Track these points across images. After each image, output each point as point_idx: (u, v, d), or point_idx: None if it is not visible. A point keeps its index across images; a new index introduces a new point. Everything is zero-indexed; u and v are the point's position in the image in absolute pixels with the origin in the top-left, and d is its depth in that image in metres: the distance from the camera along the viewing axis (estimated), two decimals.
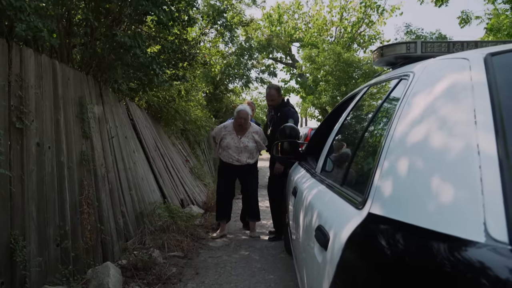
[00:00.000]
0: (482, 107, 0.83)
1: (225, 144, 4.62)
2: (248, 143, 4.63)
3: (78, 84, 3.57)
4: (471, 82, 0.92)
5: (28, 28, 2.69)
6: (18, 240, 2.44)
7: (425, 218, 0.79)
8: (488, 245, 0.63)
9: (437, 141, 0.89)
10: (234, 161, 4.65)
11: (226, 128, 4.72)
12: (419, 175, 0.89)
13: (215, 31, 10.89)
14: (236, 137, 4.64)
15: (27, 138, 2.68)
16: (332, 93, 16.14)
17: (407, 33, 20.84)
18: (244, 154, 4.64)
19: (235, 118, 4.64)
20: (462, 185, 0.75)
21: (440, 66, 1.18)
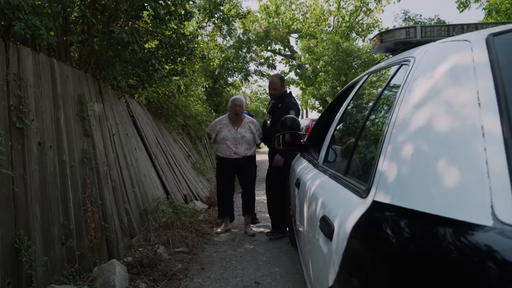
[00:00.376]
0: (485, 88, 0.81)
1: (222, 137, 4.56)
2: (245, 133, 4.56)
3: (77, 82, 3.56)
4: (473, 64, 0.90)
5: (27, 27, 2.68)
6: (23, 240, 2.44)
7: (431, 204, 0.78)
8: (496, 228, 0.62)
9: (440, 125, 0.88)
10: (232, 154, 4.56)
11: (221, 122, 4.65)
12: (423, 160, 0.88)
13: (212, 24, 10.83)
14: (232, 129, 4.57)
15: (28, 138, 2.67)
16: (332, 84, 16.07)
17: (405, 20, 20.67)
18: (242, 145, 4.56)
19: (230, 107, 4.61)
20: (467, 168, 0.74)
21: (441, 49, 1.16)
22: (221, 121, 4.67)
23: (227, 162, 4.62)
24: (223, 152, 4.61)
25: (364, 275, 0.93)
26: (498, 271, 0.57)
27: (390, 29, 1.87)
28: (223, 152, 4.61)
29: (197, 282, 3.27)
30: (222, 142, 4.58)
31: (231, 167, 4.64)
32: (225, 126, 4.59)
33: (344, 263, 1.04)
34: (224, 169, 4.70)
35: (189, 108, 7.82)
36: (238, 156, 4.56)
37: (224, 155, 4.61)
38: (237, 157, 4.57)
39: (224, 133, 4.56)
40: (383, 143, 1.11)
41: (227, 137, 4.54)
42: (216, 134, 4.63)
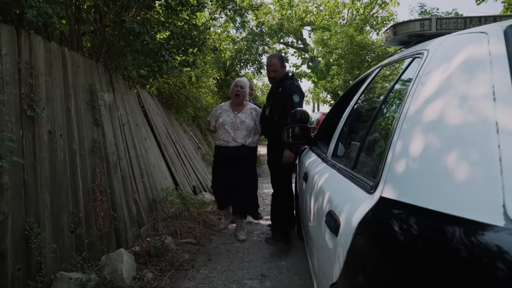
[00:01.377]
0: (501, 81, 0.77)
1: (221, 121, 4.16)
2: (245, 118, 4.13)
3: (88, 71, 3.57)
4: (489, 56, 0.86)
5: (39, 14, 2.68)
6: (33, 227, 2.47)
7: (440, 201, 0.75)
8: (508, 229, 0.59)
9: (452, 119, 0.84)
10: (230, 140, 4.11)
11: (222, 107, 4.31)
12: (433, 156, 0.85)
13: (225, 15, 10.76)
14: (232, 113, 4.17)
15: (39, 126, 2.69)
16: (344, 77, 15.90)
17: (422, 13, 20.29)
18: (241, 131, 4.10)
19: (231, 89, 4.25)
20: (479, 165, 0.71)
21: (456, 41, 1.12)
22: (222, 106, 4.33)
23: (225, 152, 4.16)
24: (220, 138, 4.18)
25: (368, 272, 0.91)
26: (508, 273, 0.55)
27: (404, 21, 1.82)
28: (220, 139, 4.19)
29: (203, 273, 3.28)
30: (220, 127, 4.17)
31: (229, 158, 4.15)
32: (225, 111, 4.22)
33: (349, 259, 1.02)
34: (221, 159, 4.24)
35: (200, 100, 7.82)
36: (236, 143, 4.10)
37: (221, 142, 4.18)
38: (235, 145, 4.10)
39: (223, 117, 4.16)
40: (393, 138, 1.08)
41: (226, 122, 4.13)
42: (216, 120, 4.26)
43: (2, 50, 2.37)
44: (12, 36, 2.52)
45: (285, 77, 3.88)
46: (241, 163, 4.14)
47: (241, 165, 4.15)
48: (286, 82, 3.81)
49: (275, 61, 3.89)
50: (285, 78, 3.87)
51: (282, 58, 3.97)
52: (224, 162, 4.21)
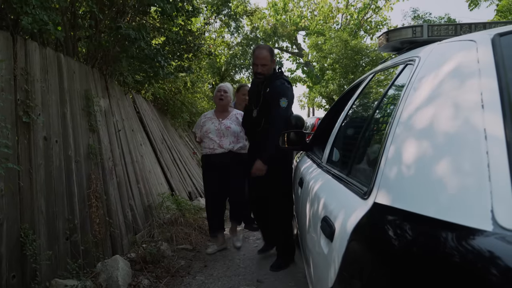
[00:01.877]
0: (489, 89, 0.80)
1: (205, 130, 3.93)
2: (231, 124, 3.92)
3: (83, 77, 3.57)
4: (478, 64, 0.89)
5: (34, 21, 2.69)
6: (28, 234, 2.46)
7: (431, 207, 0.77)
8: (496, 234, 0.60)
9: (443, 126, 0.86)
10: (216, 147, 3.87)
11: (206, 115, 4.11)
12: (425, 162, 0.87)
13: (219, 21, 10.82)
14: (216, 121, 3.95)
15: (34, 132, 2.69)
16: (339, 82, 15.99)
17: (415, 18, 20.49)
18: (227, 138, 3.88)
19: (215, 94, 4.07)
20: (469, 171, 0.72)
21: (446, 49, 1.14)
22: (206, 115, 4.13)
23: (212, 161, 3.91)
24: (206, 146, 3.94)
25: (364, 277, 0.92)
26: (497, 276, 0.56)
27: (396, 28, 1.85)
28: (206, 147, 3.94)
29: (199, 279, 3.28)
30: (205, 136, 3.94)
31: (217, 165, 3.89)
32: (209, 119, 4.00)
33: (344, 265, 1.03)
34: (209, 169, 3.97)
35: (195, 105, 7.84)
36: (223, 149, 3.86)
37: (207, 150, 3.93)
38: (222, 151, 3.86)
39: (207, 126, 3.93)
40: (386, 144, 1.10)
41: (210, 129, 3.90)
42: (200, 128, 4.02)
43: None
44: (8, 43, 2.53)
45: (274, 74, 3.35)
46: (231, 169, 3.88)
47: (232, 171, 3.88)
48: (276, 81, 3.28)
49: (265, 53, 3.30)
50: (274, 75, 3.34)
51: (272, 50, 3.41)
52: (214, 171, 3.92)
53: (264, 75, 3.32)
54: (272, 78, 3.31)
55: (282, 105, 3.20)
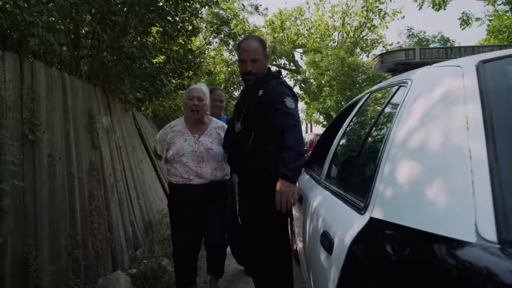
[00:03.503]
0: (473, 113, 0.87)
1: (175, 150, 2.78)
2: (211, 144, 2.80)
3: (86, 95, 3.65)
4: (463, 89, 0.96)
5: (41, 42, 2.78)
6: (31, 250, 2.50)
7: (423, 221, 0.84)
8: (479, 245, 0.67)
9: (433, 146, 0.94)
10: (192, 176, 2.75)
11: (173, 127, 2.90)
12: (416, 179, 0.94)
13: (219, 40, 11.03)
14: (191, 137, 2.80)
15: (39, 150, 2.75)
16: (336, 98, 16.18)
17: (409, 37, 20.88)
18: (208, 163, 2.77)
19: (185, 102, 2.86)
20: (455, 188, 0.79)
21: (436, 73, 1.22)
22: (174, 126, 2.91)
23: (186, 194, 2.79)
24: (177, 174, 2.79)
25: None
26: (479, 282, 0.63)
27: (390, 51, 1.95)
28: (177, 175, 2.79)
29: None
30: (175, 160, 2.79)
31: (192, 200, 2.79)
32: (180, 134, 2.84)
33: (343, 277, 1.09)
34: (181, 204, 2.84)
35: None
36: (202, 180, 2.76)
37: (179, 180, 2.79)
38: (201, 183, 2.75)
39: (179, 144, 2.79)
40: (381, 161, 1.17)
41: (184, 151, 2.76)
42: (167, 148, 2.88)
43: (6, 77, 2.45)
44: (16, 63, 2.61)
45: (269, 74, 2.48)
46: (210, 205, 2.81)
47: (211, 208, 2.82)
48: (271, 81, 2.39)
49: (255, 45, 2.41)
50: (269, 75, 2.46)
51: (264, 43, 2.54)
52: (187, 207, 2.81)
53: (255, 75, 2.39)
54: (267, 78, 2.41)
55: (289, 105, 2.20)
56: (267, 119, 2.23)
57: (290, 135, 2.11)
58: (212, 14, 12.01)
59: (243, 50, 2.44)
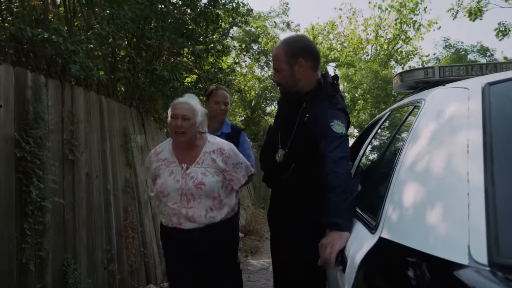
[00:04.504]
0: (474, 137, 0.89)
1: (159, 188, 2.15)
2: (203, 176, 2.08)
3: (122, 116, 3.86)
4: (468, 112, 0.99)
5: (81, 69, 2.99)
6: (70, 263, 2.66)
7: (424, 243, 0.86)
8: (471, 267, 0.70)
9: (436, 169, 0.96)
10: (182, 219, 2.11)
11: (158, 155, 2.22)
12: (419, 200, 0.96)
13: (251, 55, 11.25)
14: (178, 168, 2.13)
15: (78, 169, 2.93)
16: (370, 111, 15.95)
17: (446, 47, 20.33)
18: (200, 203, 2.09)
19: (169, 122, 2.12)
20: (453, 210, 0.82)
21: (445, 95, 1.24)
22: (159, 153, 2.23)
23: (178, 239, 2.17)
24: (165, 214, 2.19)
25: None
26: None
27: (409, 70, 1.97)
28: (165, 214, 2.19)
29: None
30: (161, 200, 2.18)
31: (186, 248, 2.18)
32: (166, 163, 2.17)
33: None
34: (175, 253, 2.22)
35: None
36: (195, 224, 2.10)
37: (167, 222, 2.18)
38: (194, 227, 2.10)
39: (163, 179, 2.14)
40: (391, 183, 1.19)
41: (168, 189, 2.11)
42: (153, 179, 2.27)
43: (49, 102, 2.66)
44: (57, 89, 2.82)
45: (319, 90, 1.92)
46: (210, 257, 2.16)
47: (211, 262, 2.16)
48: (322, 104, 1.86)
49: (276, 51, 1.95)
50: (319, 93, 1.91)
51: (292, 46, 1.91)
52: (176, 252, 2.21)
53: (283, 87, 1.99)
54: (315, 95, 1.90)
55: (336, 130, 1.73)
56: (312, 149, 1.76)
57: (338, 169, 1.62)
58: (244, 32, 12.29)
59: (276, 54, 1.94)
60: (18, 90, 2.36)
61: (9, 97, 2.28)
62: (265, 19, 14.82)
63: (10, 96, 2.29)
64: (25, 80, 2.43)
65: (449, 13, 10.49)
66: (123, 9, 3.53)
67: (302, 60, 1.86)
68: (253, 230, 6.38)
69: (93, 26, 3.72)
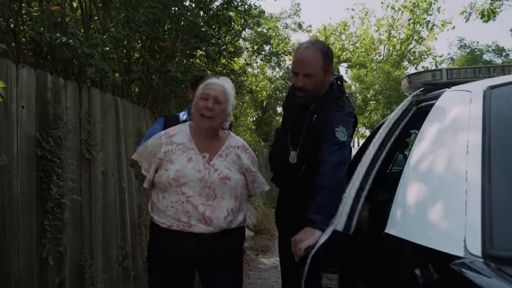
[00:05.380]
0: (474, 138, 0.94)
1: (173, 174, 1.71)
2: (229, 171, 1.79)
3: (136, 116, 3.95)
4: (469, 114, 1.03)
5: (97, 71, 3.09)
6: (87, 259, 2.75)
7: (425, 237, 0.91)
8: (466, 258, 0.75)
9: (438, 168, 1.01)
10: (194, 220, 1.69)
11: (172, 138, 1.82)
12: (421, 198, 1.01)
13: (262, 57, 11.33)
14: (199, 157, 1.77)
15: (94, 167, 3.03)
16: (382, 112, 15.87)
17: (461, 48, 20.10)
18: (222, 200, 1.75)
19: (195, 103, 1.80)
20: (452, 207, 0.87)
21: (450, 97, 1.28)
22: (173, 136, 1.83)
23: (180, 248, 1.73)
24: (170, 214, 1.72)
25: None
26: None
27: (417, 72, 2.00)
28: (170, 215, 1.72)
29: None
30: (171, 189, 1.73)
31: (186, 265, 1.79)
32: (182, 149, 1.78)
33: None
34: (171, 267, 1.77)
35: None
36: (210, 228, 1.71)
37: (172, 222, 1.72)
38: (208, 231, 1.71)
39: (180, 165, 1.74)
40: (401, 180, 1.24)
41: (187, 177, 1.72)
42: (157, 165, 1.79)
43: (68, 103, 2.76)
44: (75, 91, 2.92)
45: (329, 93, 1.97)
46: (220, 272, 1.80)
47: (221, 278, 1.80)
48: (329, 106, 1.91)
49: (311, 55, 1.89)
50: (329, 95, 1.96)
51: (328, 52, 1.95)
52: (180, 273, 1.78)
53: (309, 93, 1.91)
54: (326, 99, 1.94)
55: (339, 137, 1.78)
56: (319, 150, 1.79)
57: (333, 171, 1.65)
58: (256, 33, 12.37)
59: (297, 60, 1.93)
60: (39, 91, 2.46)
61: (31, 99, 2.38)
62: (276, 20, 14.89)
63: (32, 97, 2.39)
64: (45, 82, 2.53)
65: (462, 15, 10.40)
66: (138, 12, 3.63)
67: (332, 66, 1.94)
68: (264, 229, 6.43)
69: (109, 29, 3.83)
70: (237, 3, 5.14)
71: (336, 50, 20.31)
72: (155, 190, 1.80)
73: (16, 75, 2.28)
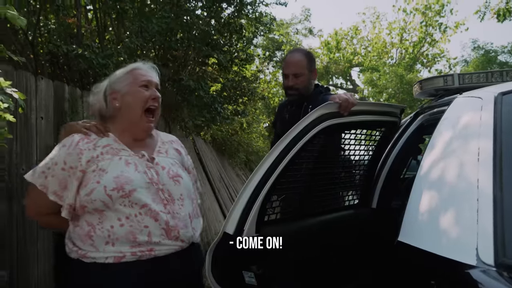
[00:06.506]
0: (485, 146, 0.94)
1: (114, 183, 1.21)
2: (177, 168, 1.39)
3: None
4: (480, 121, 1.03)
5: None
6: None
7: (437, 245, 0.92)
8: (478, 267, 0.75)
9: (449, 176, 1.01)
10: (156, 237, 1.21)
11: (92, 142, 1.29)
12: (433, 205, 1.01)
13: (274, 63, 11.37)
14: (133, 157, 1.30)
15: None
16: None
17: (474, 49, 19.84)
18: (180, 204, 1.31)
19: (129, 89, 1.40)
20: (463, 215, 0.87)
21: (461, 104, 1.28)
22: (94, 139, 1.30)
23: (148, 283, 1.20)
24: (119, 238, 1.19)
25: None
26: None
27: (429, 77, 1.99)
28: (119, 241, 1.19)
29: None
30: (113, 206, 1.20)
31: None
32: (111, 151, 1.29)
33: None
34: None
35: (251, 145, 8.18)
36: (175, 244, 1.26)
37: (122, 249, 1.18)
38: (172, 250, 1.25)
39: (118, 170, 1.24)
40: (413, 188, 1.24)
41: (133, 182, 1.23)
42: (78, 181, 1.24)
43: (85, 113, 2.82)
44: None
45: (316, 90, 2.29)
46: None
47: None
48: (319, 96, 2.21)
49: (298, 57, 2.23)
50: (316, 92, 2.27)
51: (312, 56, 2.30)
52: None
53: (299, 90, 2.21)
54: (314, 94, 2.24)
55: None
56: None
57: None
58: (268, 39, 12.42)
59: (286, 63, 2.26)
60: (56, 102, 2.53)
61: (49, 110, 2.45)
62: (287, 26, 14.94)
63: (50, 108, 2.46)
64: (63, 93, 2.60)
65: (475, 15, 10.27)
66: (151, 22, 3.70)
67: (315, 68, 2.31)
68: None
69: (123, 39, 3.91)
70: (248, 11, 5.20)
71: (348, 55, 20.27)
72: (81, 217, 1.24)
73: (35, 87, 2.35)
